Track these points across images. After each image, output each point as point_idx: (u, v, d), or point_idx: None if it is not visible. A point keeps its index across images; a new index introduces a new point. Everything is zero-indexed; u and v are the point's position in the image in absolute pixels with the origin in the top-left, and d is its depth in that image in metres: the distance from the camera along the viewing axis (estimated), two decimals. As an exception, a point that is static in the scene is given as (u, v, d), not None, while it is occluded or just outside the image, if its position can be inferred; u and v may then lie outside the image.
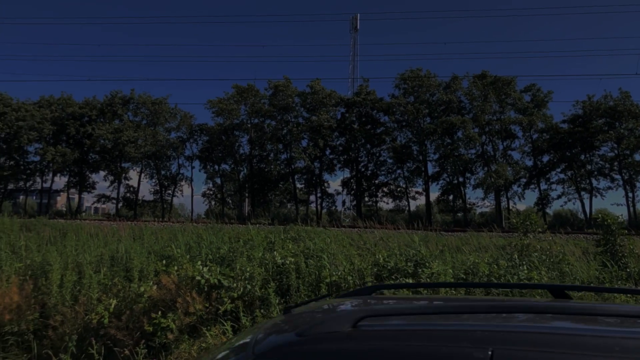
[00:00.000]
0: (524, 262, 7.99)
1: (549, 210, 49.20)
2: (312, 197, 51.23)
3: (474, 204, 49.29)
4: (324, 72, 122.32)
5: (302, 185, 51.13)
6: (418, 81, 46.13)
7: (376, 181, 49.62)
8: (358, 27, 57.87)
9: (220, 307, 6.61)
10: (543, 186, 46.94)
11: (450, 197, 49.00)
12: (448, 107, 45.88)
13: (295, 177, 49.36)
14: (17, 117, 47.28)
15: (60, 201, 77.83)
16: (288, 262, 7.53)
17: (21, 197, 60.59)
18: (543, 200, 46.28)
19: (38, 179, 54.27)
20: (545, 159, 46.69)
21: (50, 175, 53.87)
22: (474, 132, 44.08)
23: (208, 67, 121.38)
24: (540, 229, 11.28)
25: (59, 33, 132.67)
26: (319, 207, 50.10)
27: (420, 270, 7.07)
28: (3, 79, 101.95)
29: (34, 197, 62.61)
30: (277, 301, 6.77)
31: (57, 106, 50.96)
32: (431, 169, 48.63)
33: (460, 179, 47.49)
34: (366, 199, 51.01)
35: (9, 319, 6.94)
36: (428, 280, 6.81)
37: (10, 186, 54.47)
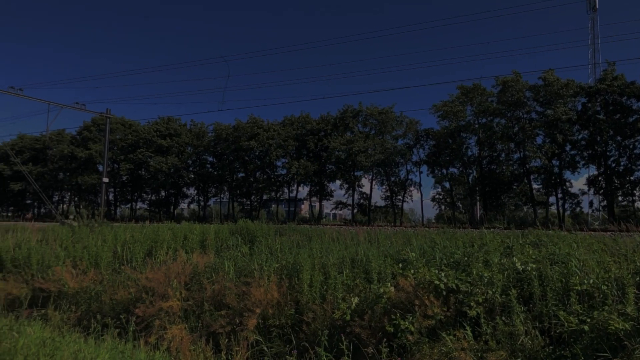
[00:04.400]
0: None
1: None
2: (552, 199, 46.91)
3: None
4: (558, 61, 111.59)
5: (540, 186, 47.13)
6: (681, 56, 38.59)
7: (631, 177, 42.90)
8: (597, 6, 51.47)
9: (467, 310, 6.50)
10: None
11: None
12: None
13: (531, 177, 45.77)
14: (268, 137, 54.14)
15: (304, 208, 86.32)
16: (529, 268, 7.03)
17: (273, 205, 68.98)
18: None
19: (285, 190, 61.17)
20: None
21: (295, 185, 60.15)
22: None
23: (431, 72, 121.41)
24: None
25: (296, 58, 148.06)
26: (560, 209, 45.59)
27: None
28: (255, 104, 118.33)
29: (283, 206, 70.64)
30: (520, 309, 6.37)
31: (298, 124, 56.77)
32: None
33: None
34: (620, 198, 44.51)
35: (272, 313, 7.94)
36: None
37: (265, 197, 62.48)
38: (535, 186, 46.90)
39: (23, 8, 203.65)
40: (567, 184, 45.31)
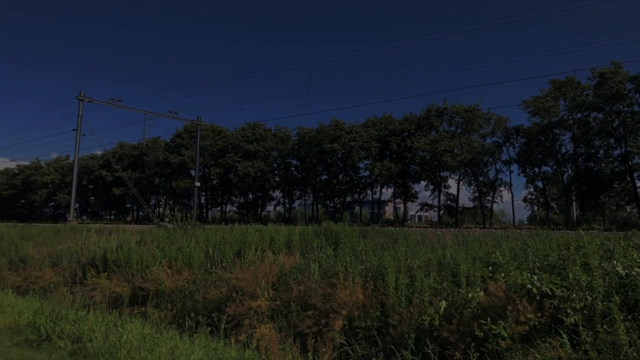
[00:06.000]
0: None
1: None
2: (661, 198, 43.03)
3: None
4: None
5: (645, 184, 43.52)
6: None
7: None
8: None
9: (563, 317, 6.14)
10: None
11: None
12: None
13: (635, 174, 42.38)
14: (350, 139, 54.26)
15: (388, 210, 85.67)
16: (634, 273, 6.51)
17: (356, 207, 69.10)
18: None
19: (369, 191, 60.97)
20: None
21: (379, 187, 59.82)
22: None
23: (520, 67, 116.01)
24: None
25: (377, 59, 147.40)
26: (669, 208, 41.80)
27: None
28: (337, 107, 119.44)
29: (366, 208, 70.54)
30: (622, 318, 5.92)
31: (380, 125, 56.42)
32: None
33: None
34: None
35: (357, 315, 7.95)
36: None
37: (348, 199, 62.69)
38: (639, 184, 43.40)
39: (120, 25, 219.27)
40: (678, 181, 41.40)
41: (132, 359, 7.38)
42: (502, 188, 52.74)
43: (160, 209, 78.17)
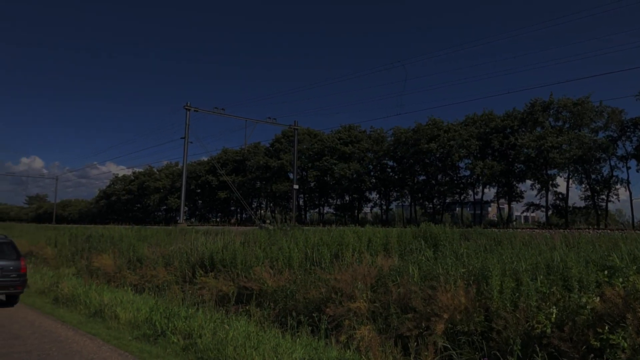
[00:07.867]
0: None
1: None
2: None
3: None
4: None
5: None
6: None
7: None
8: None
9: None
10: None
11: None
12: None
13: None
14: (448, 138, 52.80)
15: (492, 211, 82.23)
16: None
17: (457, 209, 67.12)
18: None
19: (470, 192, 58.88)
20: None
21: (480, 187, 57.57)
22: None
23: (636, 54, 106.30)
24: None
25: (475, 55, 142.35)
26: None
27: None
28: (434, 105, 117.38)
29: (468, 209, 68.21)
30: None
31: (480, 122, 54.29)
32: None
33: None
34: None
35: (459, 319, 7.70)
36: None
37: (448, 200, 61.00)
38: None
39: (224, 38, 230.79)
40: None
41: (238, 355, 7.70)
42: (618, 186, 48.67)
43: (262, 211, 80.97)
